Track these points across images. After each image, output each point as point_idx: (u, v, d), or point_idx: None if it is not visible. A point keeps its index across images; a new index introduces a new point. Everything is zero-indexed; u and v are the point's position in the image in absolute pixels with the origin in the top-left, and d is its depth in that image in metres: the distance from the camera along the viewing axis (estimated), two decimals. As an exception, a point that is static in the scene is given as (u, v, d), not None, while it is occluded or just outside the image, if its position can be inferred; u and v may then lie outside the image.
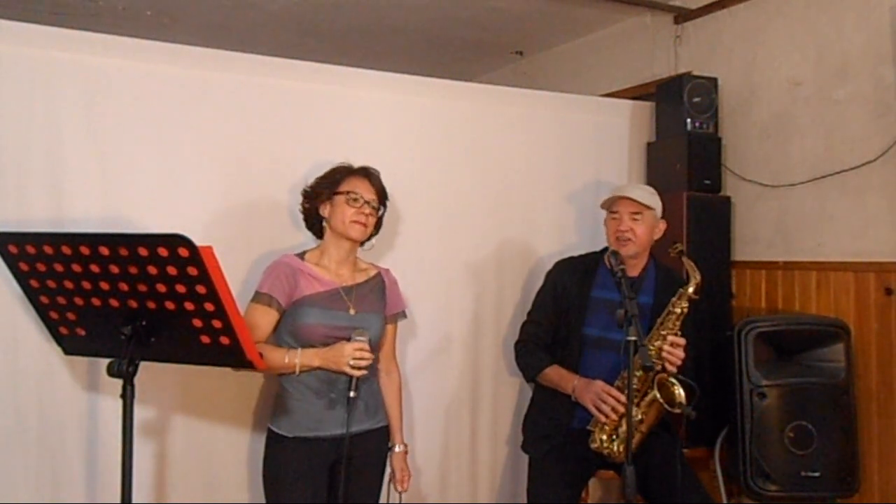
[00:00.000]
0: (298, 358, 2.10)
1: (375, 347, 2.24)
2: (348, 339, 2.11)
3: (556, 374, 2.58)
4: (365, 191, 2.24)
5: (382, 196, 2.30)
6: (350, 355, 2.07)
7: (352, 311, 2.20)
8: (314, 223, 2.31)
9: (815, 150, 3.11)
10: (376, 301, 2.29)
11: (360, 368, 2.08)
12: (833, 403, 2.78)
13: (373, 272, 2.33)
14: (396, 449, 2.33)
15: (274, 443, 2.18)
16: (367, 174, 2.27)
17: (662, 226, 2.65)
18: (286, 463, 2.15)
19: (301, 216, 2.34)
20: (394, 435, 2.34)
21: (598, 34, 4.38)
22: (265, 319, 2.15)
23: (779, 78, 3.26)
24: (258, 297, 2.16)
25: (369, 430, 2.24)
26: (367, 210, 2.22)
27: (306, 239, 2.42)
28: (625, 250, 2.52)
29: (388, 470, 2.34)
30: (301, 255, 2.26)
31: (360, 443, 2.21)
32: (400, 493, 2.32)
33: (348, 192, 2.21)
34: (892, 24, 2.83)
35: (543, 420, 2.65)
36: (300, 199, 2.32)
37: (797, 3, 3.21)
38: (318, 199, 2.26)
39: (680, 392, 2.34)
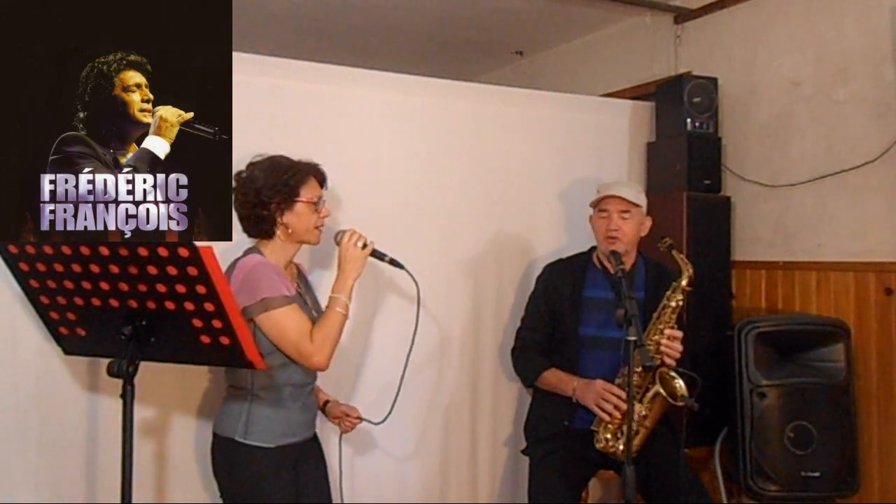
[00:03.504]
0: (344, 297, 2.06)
1: None
2: None
3: (554, 378, 2.58)
4: (319, 190, 2.16)
5: (325, 186, 2.22)
6: (350, 241, 2.10)
7: (314, 313, 2.16)
8: (264, 228, 2.12)
9: (815, 150, 3.11)
10: (314, 296, 2.28)
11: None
12: (833, 403, 2.78)
13: (295, 269, 2.27)
14: (332, 399, 2.38)
15: (250, 456, 2.04)
16: (316, 172, 2.17)
17: (648, 222, 2.66)
18: (269, 475, 2.06)
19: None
20: (322, 397, 2.37)
21: (598, 34, 4.38)
22: (302, 314, 2.04)
23: (779, 78, 3.26)
24: (280, 301, 2.00)
25: (315, 433, 2.26)
26: (326, 210, 2.16)
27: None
28: (613, 248, 2.52)
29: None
30: (259, 253, 2.13)
31: (314, 447, 2.24)
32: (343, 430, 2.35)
33: (316, 201, 2.12)
34: (892, 24, 2.83)
35: (544, 423, 2.65)
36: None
37: (797, 3, 3.21)
38: (270, 205, 2.08)
39: (681, 384, 2.34)
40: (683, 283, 2.46)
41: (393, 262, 2.19)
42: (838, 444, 2.76)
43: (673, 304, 2.46)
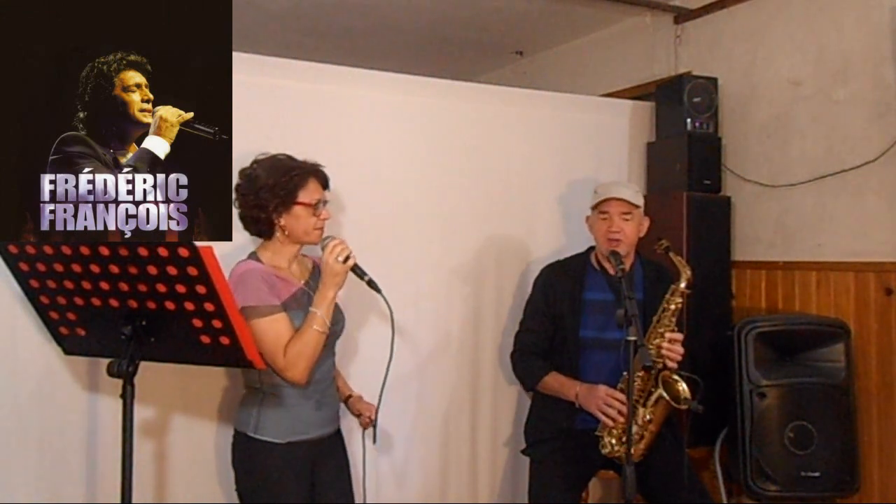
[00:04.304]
0: (321, 313, 2.03)
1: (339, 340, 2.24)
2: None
3: (556, 382, 2.58)
4: (320, 192, 2.13)
5: (327, 187, 2.20)
6: (331, 255, 2.04)
7: None
8: (262, 228, 2.14)
9: (815, 150, 3.11)
10: None
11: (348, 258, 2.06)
12: (833, 403, 2.78)
13: (310, 264, 2.27)
14: (356, 394, 2.37)
15: (261, 451, 2.09)
16: (317, 173, 2.15)
17: (646, 223, 2.66)
18: (279, 471, 2.09)
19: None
20: (345, 391, 2.36)
21: (598, 34, 4.38)
22: (284, 324, 2.03)
23: (779, 78, 3.26)
24: (261, 311, 2.01)
25: (337, 430, 2.26)
26: (326, 213, 2.14)
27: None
28: (614, 249, 2.52)
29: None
30: (256, 258, 2.15)
31: (335, 444, 2.24)
32: (369, 429, 2.31)
33: (314, 204, 2.10)
34: (892, 24, 2.83)
35: (544, 425, 2.65)
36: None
37: (797, 3, 3.21)
38: (267, 207, 2.09)
39: (684, 387, 2.34)
40: (682, 285, 2.45)
41: (370, 284, 2.11)
42: (838, 444, 2.76)
43: (672, 306, 2.45)
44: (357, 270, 2.10)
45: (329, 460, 2.22)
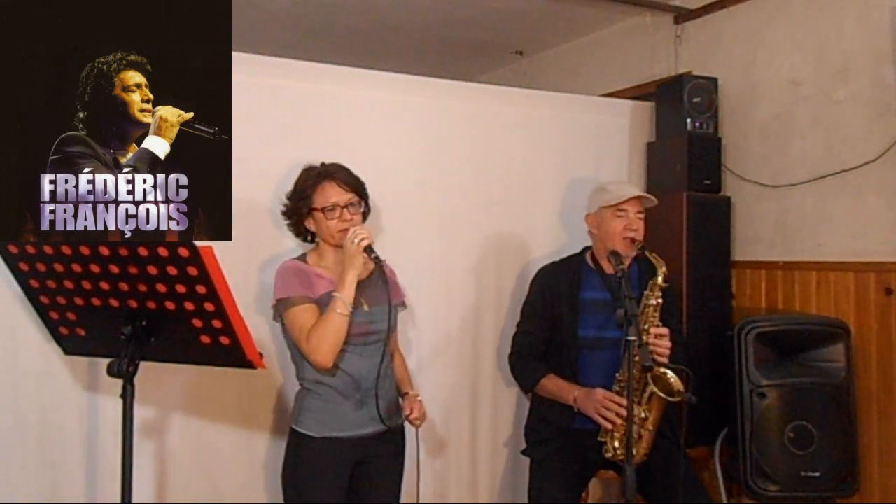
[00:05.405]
0: (342, 296, 2.08)
1: (390, 338, 2.25)
2: (364, 334, 2.17)
3: (554, 386, 2.58)
4: (337, 195, 2.20)
5: (357, 187, 2.25)
6: (349, 239, 2.10)
7: (366, 307, 2.19)
8: (305, 234, 2.32)
9: (815, 150, 3.11)
10: (383, 294, 2.27)
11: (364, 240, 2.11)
12: (833, 403, 2.78)
13: (371, 265, 2.30)
14: (411, 393, 2.35)
15: (299, 443, 2.18)
16: (332, 175, 2.22)
17: None
18: (312, 463, 2.16)
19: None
20: (405, 386, 2.37)
21: (598, 34, 4.38)
22: (311, 313, 2.12)
23: (779, 78, 3.26)
24: (292, 302, 2.13)
25: (389, 430, 2.25)
26: (348, 214, 2.20)
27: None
28: (630, 249, 2.53)
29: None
30: (303, 259, 2.27)
31: (382, 443, 2.24)
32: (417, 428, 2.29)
33: (323, 208, 2.19)
34: (892, 24, 2.83)
35: (544, 425, 2.65)
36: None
37: (797, 3, 3.21)
38: (299, 216, 2.25)
39: (674, 378, 2.34)
40: (660, 280, 2.47)
41: (376, 261, 2.20)
42: (838, 444, 2.76)
43: (653, 302, 2.45)
44: (367, 250, 2.15)
45: (374, 459, 2.24)
